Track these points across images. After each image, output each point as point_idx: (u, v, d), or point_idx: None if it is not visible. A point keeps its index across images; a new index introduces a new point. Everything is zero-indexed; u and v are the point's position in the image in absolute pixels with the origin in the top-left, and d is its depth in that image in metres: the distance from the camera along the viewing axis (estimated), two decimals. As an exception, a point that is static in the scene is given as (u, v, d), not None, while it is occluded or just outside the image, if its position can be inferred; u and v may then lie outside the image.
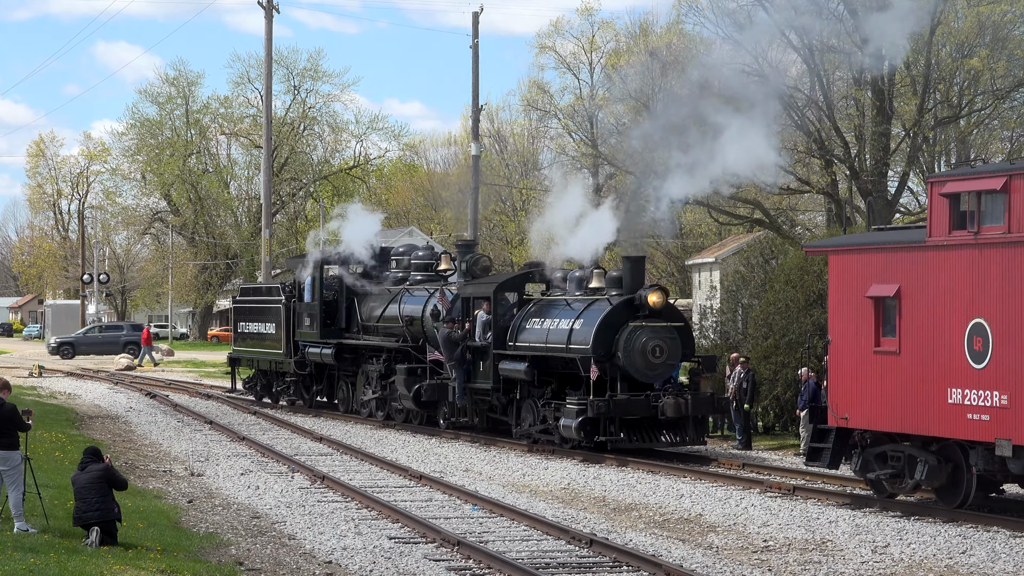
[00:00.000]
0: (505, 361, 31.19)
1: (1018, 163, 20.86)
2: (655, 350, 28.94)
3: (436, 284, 36.04)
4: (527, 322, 31.19)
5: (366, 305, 38.36)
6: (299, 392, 41.67)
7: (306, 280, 39.90)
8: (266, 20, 55.84)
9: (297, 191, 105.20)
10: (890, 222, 38.63)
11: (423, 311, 35.11)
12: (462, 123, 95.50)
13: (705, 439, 29.87)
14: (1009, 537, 19.47)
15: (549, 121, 70.77)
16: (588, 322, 29.40)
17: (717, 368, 31.37)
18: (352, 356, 38.39)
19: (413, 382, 34.20)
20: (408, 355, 35.27)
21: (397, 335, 36.01)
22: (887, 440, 22.34)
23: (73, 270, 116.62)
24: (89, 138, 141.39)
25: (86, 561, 15.83)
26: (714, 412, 29.87)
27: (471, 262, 35.00)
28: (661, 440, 29.33)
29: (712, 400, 29.36)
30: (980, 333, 20.21)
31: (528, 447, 30.46)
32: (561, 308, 30.69)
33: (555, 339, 30.02)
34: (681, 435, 29.17)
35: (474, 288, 33.21)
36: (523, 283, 32.64)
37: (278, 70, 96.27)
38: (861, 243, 23.02)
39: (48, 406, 40.78)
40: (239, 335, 44.75)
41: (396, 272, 38.55)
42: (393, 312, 36.66)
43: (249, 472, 26.61)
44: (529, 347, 30.74)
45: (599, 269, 30.87)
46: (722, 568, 17.28)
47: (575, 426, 28.63)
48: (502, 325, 31.61)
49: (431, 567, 17.24)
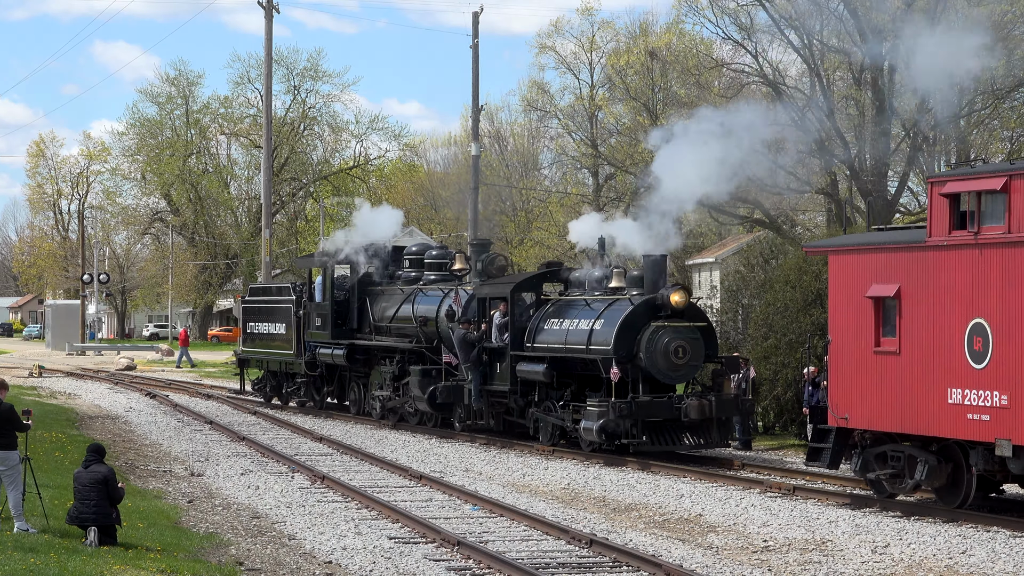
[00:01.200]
0: (523, 362, 30.64)
1: (1018, 163, 20.86)
2: (678, 351, 28.28)
3: (450, 284, 35.34)
4: (545, 323, 30.59)
5: (378, 305, 37.63)
6: (310, 393, 40.95)
7: (316, 280, 39.35)
8: (266, 20, 55.83)
9: (297, 191, 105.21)
10: (890, 222, 38.64)
11: (437, 311, 34.42)
12: (462, 123, 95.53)
13: (729, 441, 29.30)
14: (1009, 537, 19.47)
15: (549, 121, 70.72)
16: (609, 322, 28.76)
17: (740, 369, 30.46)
18: (364, 357, 37.72)
19: (427, 384, 33.59)
20: (422, 356, 34.64)
21: (410, 336, 35.42)
22: (887, 440, 22.34)
23: (73, 270, 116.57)
24: (89, 138, 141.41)
25: (86, 561, 15.82)
26: (738, 414, 29.17)
27: (487, 262, 34.22)
28: (683, 442, 28.61)
29: (736, 401, 28.72)
30: (980, 333, 20.21)
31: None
32: (580, 308, 30.04)
33: (575, 340, 29.42)
34: (705, 437, 28.47)
35: (491, 288, 32.62)
36: (541, 283, 31.99)
37: (278, 70, 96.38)
38: (861, 243, 23.02)
39: (48, 406, 40.78)
40: (248, 336, 43.99)
41: (409, 272, 37.66)
42: (406, 312, 35.96)
43: (249, 472, 26.61)
44: (548, 348, 30.13)
45: (619, 268, 30.20)
46: (722, 568, 17.28)
47: (596, 429, 27.93)
48: (519, 326, 31.03)
49: (431, 567, 17.24)
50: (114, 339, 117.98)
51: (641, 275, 29.49)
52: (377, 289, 38.15)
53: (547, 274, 32.45)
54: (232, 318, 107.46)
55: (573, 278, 31.54)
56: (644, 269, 29.52)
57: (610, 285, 30.06)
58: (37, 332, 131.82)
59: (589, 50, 70.11)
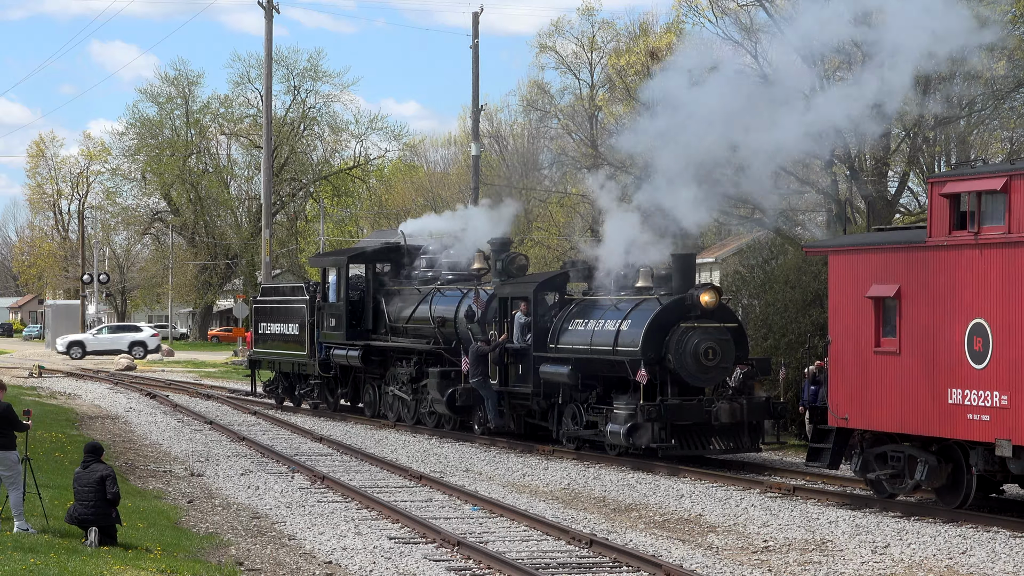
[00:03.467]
0: (546, 364, 29.83)
1: (1018, 163, 20.88)
2: (708, 352, 27.50)
3: (469, 284, 34.58)
4: (569, 323, 29.86)
5: (394, 305, 36.83)
6: (323, 395, 39.91)
7: (330, 279, 38.64)
8: (266, 20, 55.84)
9: (297, 191, 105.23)
10: (890, 222, 38.63)
11: (456, 312, 33.67)
12: (460, 124, 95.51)
13: (760, 446, 28.35)
14: (1009, 537, 19.47)
15: (549, 121, 70.72)
16: (636, 323, 28.04)
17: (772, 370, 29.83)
18: (379, 359, 36.89)
19: (447, 386, 32.88)
20: (440, 358, 33.85)
21: (427, 337, 34.62)
22: (887, 440, 22.34)
23: (73, 270, 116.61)
24: (89, 138, 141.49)
25: (86, 561, 15.82)
26: (771, 417, 28.16)
27: (507, 261, 33.27)
28: (712, 446, 27.79)
29: (768, 404, 27.90)
30: (980, 333, 20.21)
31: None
32: (606, 308, 29.34)
33: (600, 341, 28.67)
34: (736, 441, 27.66)
35: (512, 288, 31.72)
36: (564, 282, 31.26)
37: (278, 70, 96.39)
38: (861, 243, 23.03)
39: (48, 406, 40.77)
40: (259, 336, 43.07)
41: (425, 271, 36.80)
42: (424, 313, 35.13)
43: (249, 472, 26.61)
44: (572, 349, 29.38)
45: (645, 268, 29.40)
46: (722, 568, 17.28)
47: (623, 432, 27.13)
48: (542, 326, 30.28)
49: (431, 567, 17.24)
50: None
51: (669, 274, 28.77)
52: (393, 289, 37.36)
53: (570, 273, 31.76)
54: (232, 318, 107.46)
55: (597, 277, 30.77)
56: (672, 268, 28.80)
57: (636, 285, 29.39)
58: (37, 332, 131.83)
59: (589, 50, 70.15)
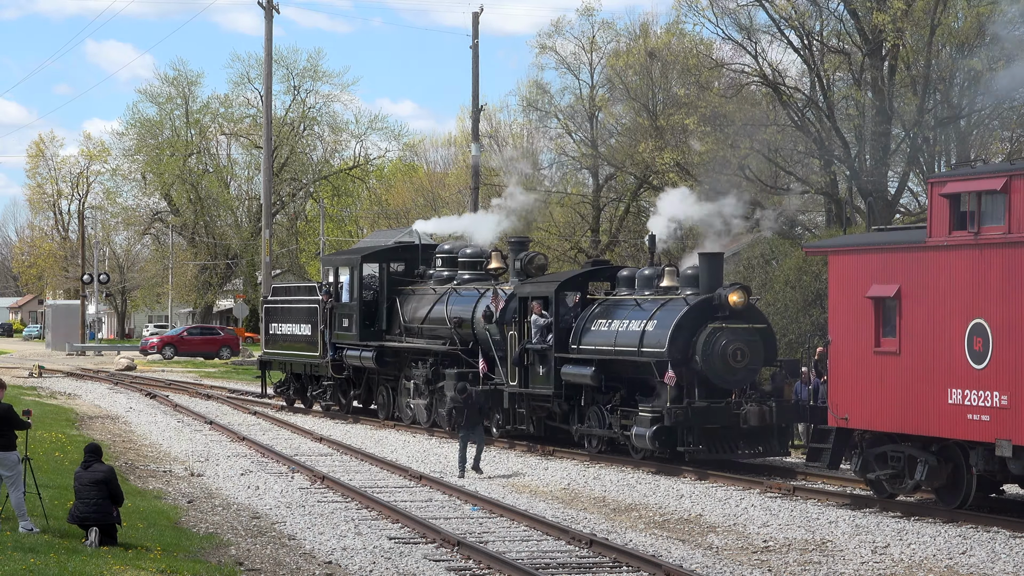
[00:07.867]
0: (568, 365, 29.19)
1: (1018, 163, 20.87)
2: (736, 353, 26.85)
3: (486, 284, 33.85)
4: (592, 323, 29.17)
5: (409, 305, 36.11)
6: (335, 397, 39.16)
7: (343, 278, 38.03)
8: (266, 20, 55.83)
9: (297, 191, 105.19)
10: (890, 222, 38.62)
11: (473, 312, 33.02)
12: (458, 124, 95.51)
13: (789, 449, 27.68)
14: (1009, 537, 19.47)
15: (549, 121, 70.68)
16: (663, 324, 27.36)
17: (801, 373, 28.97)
18: (394, 360, 36.23)
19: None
20: (457, 359, 33.25)
21: (443, 338, 33.93)
22: (887, 440, 22.33)
23: (73, 270, 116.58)
24: (89, 138, 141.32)
25: (86, 561, 15.82)
26: (801, 421, 27.60)
27: (526, 260, 32.77)
28: (740, 450, 27.08)
29: (797, 408, 26.98)
30: (980, 333, 20.21)
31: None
32: (630, 308, 28.63)
33: (625, 342, 28.00)
34: (765, 445, 26.97)
35: (533, 287, 30.96)
36: (586, 282, 30.49)
37: (278, 70, 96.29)
38: (861, 243, 23.02)
39: (48, 406, 40.78)
40: (270, 337, 42.33)
41: (441, 271, 36.11)
42: (439, 313, 34.41)
43: (249, 472, 26.61)
44: (595, 350, 28.72)
45: (671, 267, 28.99)
46: (722, 568, 17.28)
47: (649, 435, 26.60)
48: (563, 327, 29.59)
49: (431, 567, 17.24)
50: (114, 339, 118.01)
51: (696, 274, 28.12)
52: (407, 288, 36.68)
53: (593, 272, 31.27)
54: (232, 318, 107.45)
55: (621, 277, 30.28)
56: (700, 267, 28.15)
57: (661, 284, 28.81)
58: (37, 332, 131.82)
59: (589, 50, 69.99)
